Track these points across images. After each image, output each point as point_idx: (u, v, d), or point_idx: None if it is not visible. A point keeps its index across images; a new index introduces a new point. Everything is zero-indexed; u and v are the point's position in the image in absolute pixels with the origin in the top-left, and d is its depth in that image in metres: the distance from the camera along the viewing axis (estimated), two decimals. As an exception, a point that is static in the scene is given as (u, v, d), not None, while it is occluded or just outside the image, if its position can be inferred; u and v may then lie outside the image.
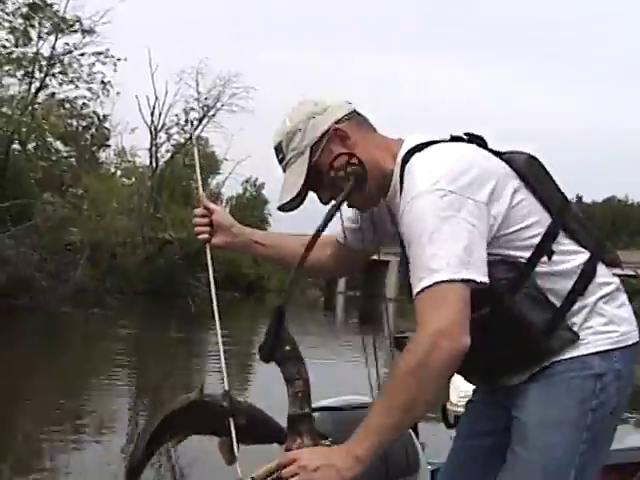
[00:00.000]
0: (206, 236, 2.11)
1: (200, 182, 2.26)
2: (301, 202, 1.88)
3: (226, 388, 1.88)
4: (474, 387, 2.06)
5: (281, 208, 1.89)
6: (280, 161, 1.88)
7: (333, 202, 1.86)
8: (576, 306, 1.76)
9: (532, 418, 1.76)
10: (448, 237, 1.61)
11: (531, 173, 1.81)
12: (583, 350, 1.75)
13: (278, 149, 1.87)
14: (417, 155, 1.76)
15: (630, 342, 1.78)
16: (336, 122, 1.82)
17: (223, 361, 1.98)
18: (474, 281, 1.60)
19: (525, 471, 1.74)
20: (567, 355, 1.75)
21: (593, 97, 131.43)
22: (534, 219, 1.77)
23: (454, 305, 1.58)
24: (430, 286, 1.58)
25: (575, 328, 1.75)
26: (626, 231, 63.41)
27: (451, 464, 2.08)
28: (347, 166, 1.79)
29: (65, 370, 11.60)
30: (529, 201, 1.78)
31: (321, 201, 1.89)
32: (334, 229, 2.12)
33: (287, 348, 1.70)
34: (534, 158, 1.86)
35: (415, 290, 1.62)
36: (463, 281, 1.59)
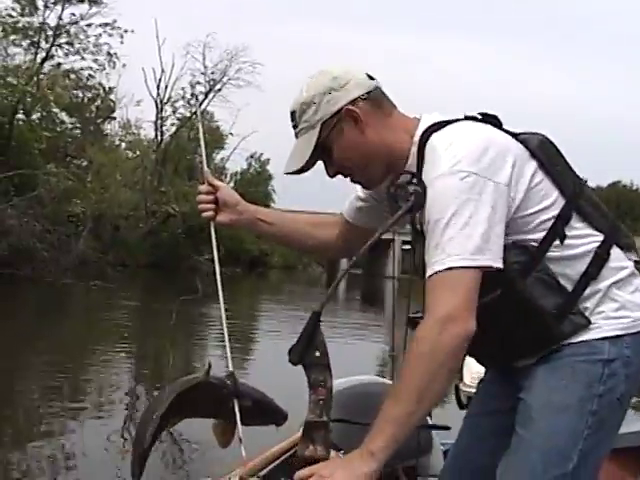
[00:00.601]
0: (211, 214, 2.07)
1: (205, 158, 2.22)
2: (308, 169, 1.85)
3: (230, 369, 1.86)
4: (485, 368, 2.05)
5: (287, 173, 1.87)
6: (293, 127, 1.85)
7: (346, 180, 1.86)
8: (589, 290, 1.72)
9: (537, 401, 1.73)
10: (467, 221, 1.59)
11: (545, 155, 1.77)
12: (593, 334, 1.72)
13: (292, 116, 1.84)
14: (436, 134, 1.73)
15: None
16: (351, 101, 1.77)
17: (227, 343, 1.96)
18: (489, 267, 1.59)
19: (528, 454, 1.71)
20: (576, 339, 1.72)
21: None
22: (549, 201, 1.74)
23: (464, 291, 1.57)
24: (443, 270, 1.57)
25: (587, 313, 1.72)
26: (630, 216, 63.50)
27: (460, 443, 2.07)
28: (409, 185, 1.73)
29: (66, 341, 11.64)
30: (545, 183, 1.74)
31: (328, 174, 1.87)
32: (343, 207, 2.11)
33: (317, 354, 1.68)
34: (548, 139, 1.82)
35: (428, 272, 1.61)
36: (477, 268, 1.58)
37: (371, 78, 1.82)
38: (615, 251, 1.78)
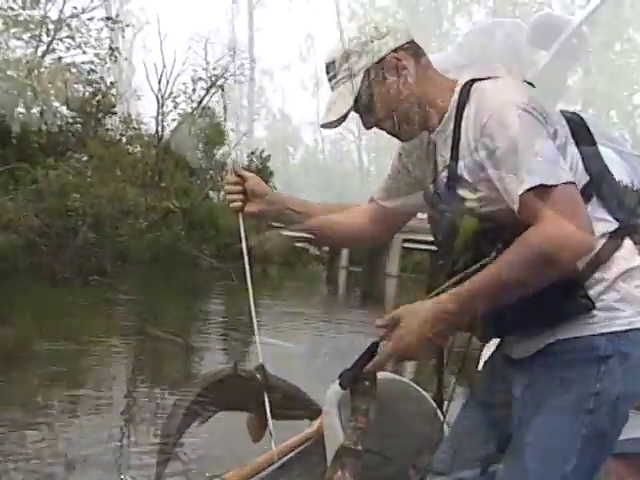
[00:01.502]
0: (239, 204, 2.06)
1: (233, 151, 2.19)
2: (343, 121, 1.84)
3: (260, 362, 1.87)
4: (484, 358, 2.03)
5: (324, 125, 1.86)
6: (330, 79, 1.83)
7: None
8: (597, 275, 1.70)
9: (533, 400, 1.71)
10: (549, 143, 1.60)
11: (577, 128, 1.77)
12: (590, 330, 1.69)
13: (330, 66, 1.82)
14: (481, 81, 1.71)
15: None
16: (394, 50, 1.77)
17: (257, 335, 1.96)
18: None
19: (524, 454, 1.69)
20: (573, 334, 1.69)
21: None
22: (576, 171, 1.72)
23: (583, 209, 1.58)
24: (555, 186, 1.55)
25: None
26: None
27: (461, 429, 2.03)
28: (496, 242, 1.71)
29: (63, 335, 11.61)
30: (575, 154, 1.73)
31: (364, 125, 1.85)
32: (373, 191, 2.10)
33: (367, 383, 1.69)
34: (582, 118, 1.82)
35: (528, 184, 1.55)
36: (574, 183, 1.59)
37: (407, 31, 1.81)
38: (628, 242, 1.76)
